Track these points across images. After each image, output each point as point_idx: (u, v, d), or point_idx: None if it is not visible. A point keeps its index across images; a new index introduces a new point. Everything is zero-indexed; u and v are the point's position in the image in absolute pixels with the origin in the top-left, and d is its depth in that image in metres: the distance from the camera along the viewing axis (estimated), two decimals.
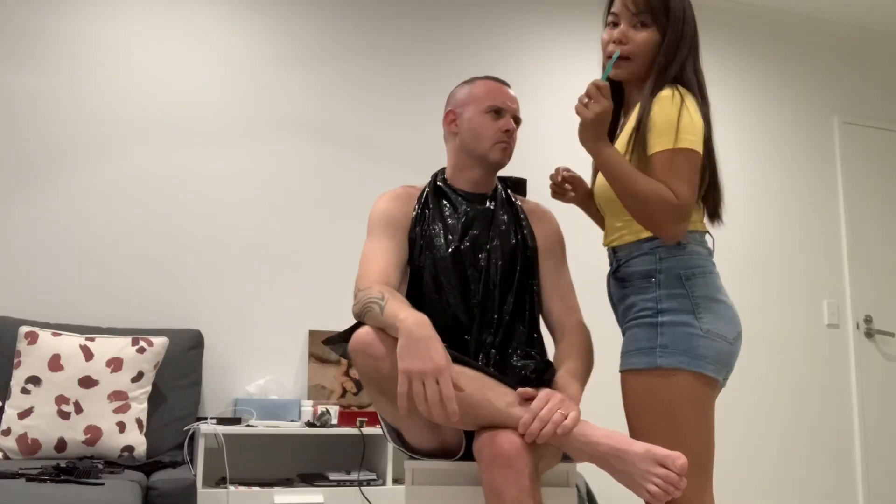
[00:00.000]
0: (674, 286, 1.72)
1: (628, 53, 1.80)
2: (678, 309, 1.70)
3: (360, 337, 1.66)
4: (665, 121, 1.70)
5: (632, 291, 1.77)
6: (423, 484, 1.73)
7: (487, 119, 1.94)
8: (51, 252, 3.24)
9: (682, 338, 1.68)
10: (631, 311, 1.77)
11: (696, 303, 1.71)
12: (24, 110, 3.29)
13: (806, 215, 4.44)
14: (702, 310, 1.70)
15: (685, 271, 1.73)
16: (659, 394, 1.68)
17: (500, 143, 1.93)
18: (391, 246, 1.87)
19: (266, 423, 3.07)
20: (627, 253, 1.79)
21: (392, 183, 3.67)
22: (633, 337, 1.75)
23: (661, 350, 1.68)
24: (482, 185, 1.98)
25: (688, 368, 1.67)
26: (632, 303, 1.77)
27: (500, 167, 1.97)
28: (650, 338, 1.70)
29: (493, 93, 1.96)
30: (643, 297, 1.74)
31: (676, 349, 1.68)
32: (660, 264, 1.74)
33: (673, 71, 1.78)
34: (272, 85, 3.64)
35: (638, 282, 1.76)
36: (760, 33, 4.56)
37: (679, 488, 1.51)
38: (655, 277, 1.73)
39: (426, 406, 1.53)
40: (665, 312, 1.71)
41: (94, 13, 3.44)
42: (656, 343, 1.69)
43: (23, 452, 2.68)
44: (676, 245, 1.74)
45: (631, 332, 1.76)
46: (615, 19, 1.83)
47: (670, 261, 1.73)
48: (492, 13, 4.07)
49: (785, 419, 4.15)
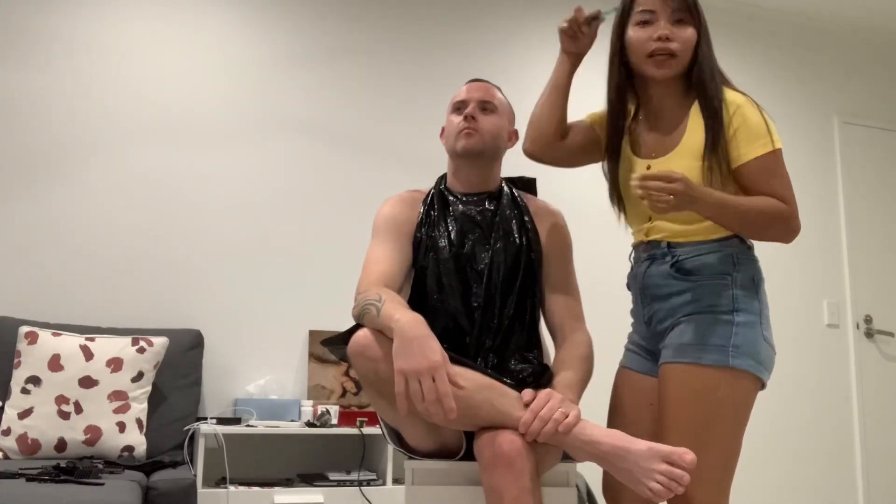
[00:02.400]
0: (749, 288, 1.72)
1: (676, 51, 1.75)
2: (750, 311, 1.70)
3: (358, 340, 1.66)
4: (756, 125, 1.70)
5: (700, 285, 1.72)
6: (423, 484, 1.73)
7: (453, 116, 1.98)
8: (51, 252, 3.24)
9: (752, 341, 1.69)
10: (695, 305, 1.72)
11: (762, 309, 1.73)
12: (24, 110, 3.29)
13: (806, 215, 4.43)
14: (763, 317, 1.73)
15: (757, 275, 1.75)
16: (720, 391, 1.66)
17: (463, 131, 1.92)
18: (394, 249, 1.87)
19: (266, 423, 3.07)
20: (693, 249, 1.75)
21: (392, 182, 3.68)
22: (699, 331, 1.69)
23: (734, 350, 1.67)
24: (477, 184, 1.97)
25: (754, 373, 1.68)
26: (699, 296, 1.72)
27: (470, 154, 1.92)
28: (724, 335, 1.68)
29: (459, 93, 2.00)
30: (717, 293, 1.71)
31: (746, 352, 1.68)
32: (738, 264, 1.73)
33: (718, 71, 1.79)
34: (272, 85, 3.64)
35: (711, 277, 1.72)
36: (760, 33, 4.56)
37: (682, 484, 1.51)
38: (732, 276, 1.72)
39: (424, 405, 1.53)
40: (741, 312, 1.69)
41: (93, 13, 3.44)
42: (729, 342, 1.67)
43: (23, 452, 2.68)
44: (747, 247, 1.76)
45: (695, 325, 1.70)
46: (650, 17, 1.77)
47: (746, 264, 1.74)
48: (492, 13, 4.07)
49: (785, 419, 4.15)
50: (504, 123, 1.99)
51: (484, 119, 1.94)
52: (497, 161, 2.00)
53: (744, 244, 1.76)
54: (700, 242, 1.75)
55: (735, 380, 1.67)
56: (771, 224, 1.69)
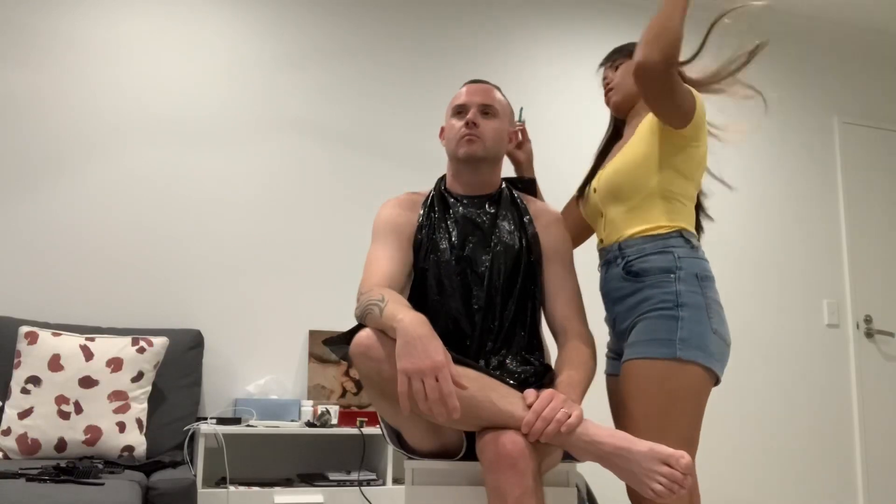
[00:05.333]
0: (692, 284, 1.81)
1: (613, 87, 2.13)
2: (695, 306, 1.79)
3: (361, 340, 1.65)
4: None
5: (648, 286, 1.83)
6: (423, 484, 1.73)
7: (454, 121, 1.97)
8: (51, 252, 3.24)
9: (700, 334, 1.77)
10: (646, 304, 1.82)
11: (708, 304, 1.81)
12: (23, 110, 3.29)
13: (806, 215, 4.44)
14: (712, 311, 1.80)
15: (700, 272, 1.84)
16: (670, 383, 1.74)
17: (464, 137, 1.92)
18: (395, 251, 1.87)
19: (266, 423, 3.07)
20: (639, 250, 1.86)
21: (392, 182, 3.68)
22: (649, 328, 1.79)
23: (681, 343, 1.75)
24: (477, 186, 1.97)
25: (703, 363, 1.76)
26: (648, 295, 1.82)
27: (472, 160, 1.93)
28: (670, 329, 1.77)
29: (459, 95, 1.99)
30: (663, 291, 1.81)
31: (693, 344, 1.75)
32: (679, 262, 1.83)
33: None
34: (272, 85, 3.64)
35: (656, 276, 1.82)
36: (760, 33, 4.55)
37: (683, 486, 1.52)
38: (675, 273, 1.81)
39: (427, 405, 1.53)
40: (684, 307, 1.78)
41: (92, 12, 3.44)
42: (676, 336, 1.76)
43: (23, 452, 2.68)
44: (690, 247, 1.85)
45: (646, 323, 1.80)
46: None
47: (688, 261, 1.83)
48: (492, 13, 4.07)
49: (785, 419, 4.15)
50: (505, 126, 1.99)
51: (485, 124, 1.94)
52: (498, 164, 2.00)
53: (688, 244, 1.86)
54: (645, 239, 1.86)
55: (684, 371, 1.75)
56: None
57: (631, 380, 1.79)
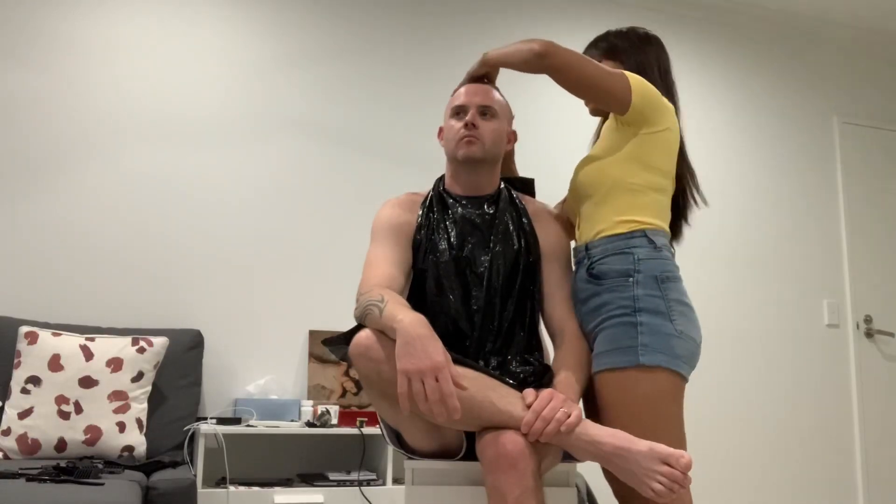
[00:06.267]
0: (650, 287, 1.77)
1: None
2: (654, 310, 1.75)
3: (361, 340, 1.65)
4: None
5: (606, 289, 1.80)
6: (423, 484, 1.73)
7: (453, 121, 1.95)
8: (51, 252, 3.24)
9: (661, 337, 1.74)
10: (604, 310, 1.79)
11: (670, 305, 1.77)
12: (23, 110, 3.29)
13: (806, 215, 4.44)
14: (674, 312, 1.77)
15: (661, 274, 1.79)
16: (639, 390, 1.72)
17: (464, 139, 1.91)
18: (394, 251, 1.87)
19: (266, 423, 3.07)
20: (602, 251, 1.83)
21: (392, 182, 3.68)
22: (610, 337, 1.77)
23: (643, 348, 1.73)
24: (476, 187, 1.97)
25: (667, 367, 1.73)
26: (606, 301, 1.80)
27: (471, 161, 1.92)
28: (630, 336, 1.74)
29: (458, 95, 1.97)
30: (620, 296, 1.78)
31: (656, 348, 1.73)
32: (637, 265, 1.79)
33: None
34: (272, 85, 3.64)
35: (614, 280, 1.80)
36: (760, 33, 4.56)
37: (683, 486, 1.52)
38: (633, 277, 1.78)
39: (427, 405, 1.53)
40: (643, 312, 1.75)
41: (92, 13, 3.44)
42: (637, 342, 1.73)
43: (23, 452, 2.68)
44: (653, 248, 1.81)
45: (607, 332, 1.78)
46: None
47: (648, 263, 1.80)
48: (492, 13, 4.07)
49: (785, 419, 4.15)
50: (504, 127, 1.98)
51: (484, 125, 1.93)
52: (497, 165, 1.99)
53: (651, 244, 1.82)
54: (609, 239, 1.83)
55: (650, 377, 1.72)
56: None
57: (600, 392, 1.77)
